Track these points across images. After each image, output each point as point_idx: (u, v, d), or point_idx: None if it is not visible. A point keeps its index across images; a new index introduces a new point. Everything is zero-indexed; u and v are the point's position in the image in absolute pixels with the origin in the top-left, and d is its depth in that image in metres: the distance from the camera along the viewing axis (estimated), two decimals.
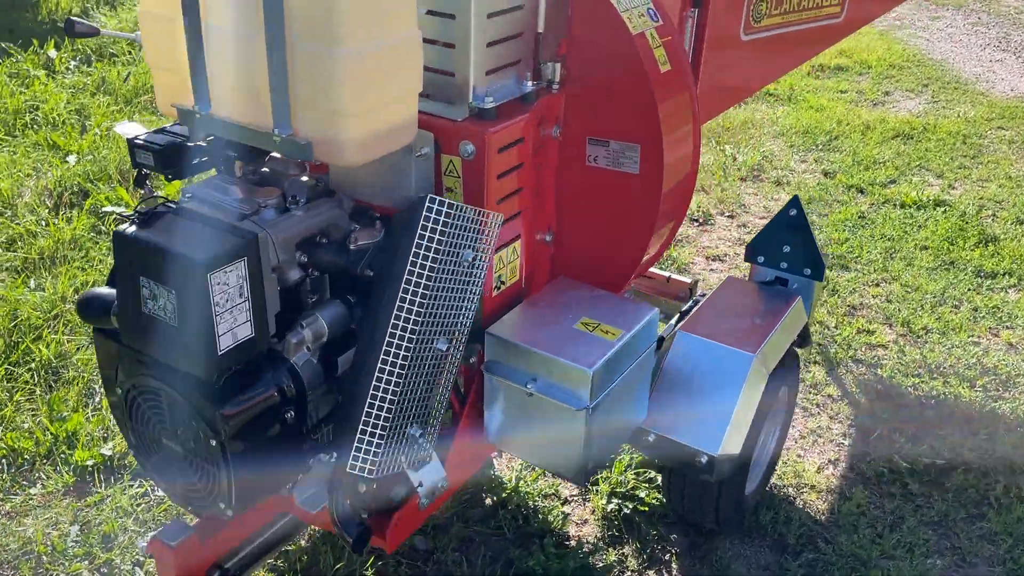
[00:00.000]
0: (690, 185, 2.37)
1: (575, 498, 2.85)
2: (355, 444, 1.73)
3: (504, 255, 2.08)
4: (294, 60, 1.63)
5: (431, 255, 1.70)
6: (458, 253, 1.78)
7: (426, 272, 1.70)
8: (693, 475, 2.37)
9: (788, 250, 2.81)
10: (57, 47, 6.29)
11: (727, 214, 4.94)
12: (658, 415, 2.35)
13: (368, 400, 1.72)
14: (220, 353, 1.63)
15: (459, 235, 1.77)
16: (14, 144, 5.01)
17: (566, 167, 2.26)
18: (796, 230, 2.78)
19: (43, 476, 2.84)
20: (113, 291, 1.76)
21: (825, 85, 7.15)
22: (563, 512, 2.78)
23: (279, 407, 1.77)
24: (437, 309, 1.77)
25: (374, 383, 1.72)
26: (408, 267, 1.70)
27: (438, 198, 1.71)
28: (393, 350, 1.71)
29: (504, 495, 2.80)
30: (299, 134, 1.70)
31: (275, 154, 1.92)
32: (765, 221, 4.86)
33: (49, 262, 3.87)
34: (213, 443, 1.71)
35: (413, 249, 1.70)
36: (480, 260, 1.85)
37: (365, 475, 1.76)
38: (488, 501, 2.80)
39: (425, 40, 1.89)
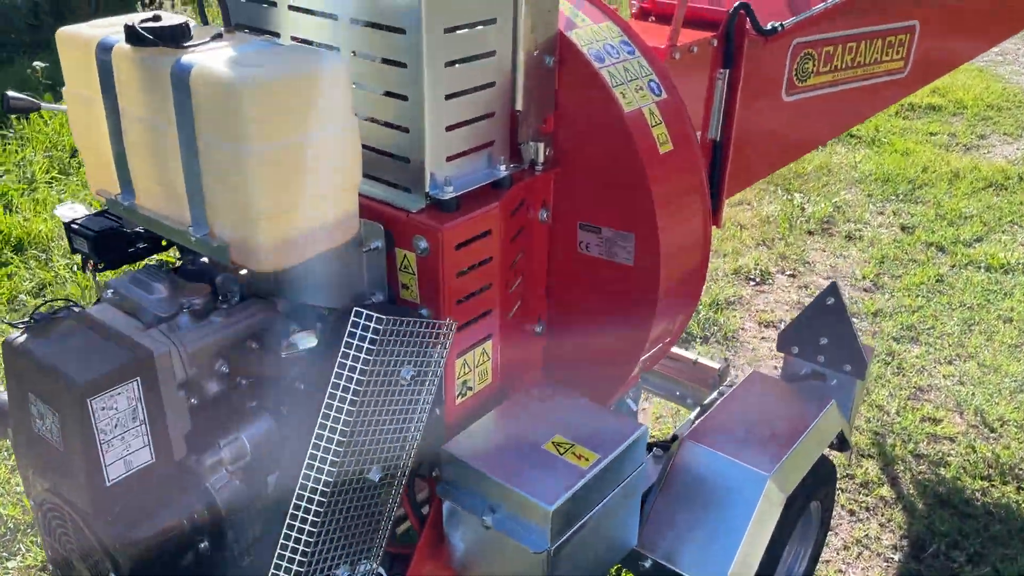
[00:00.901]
0: (699, 276, 2.08)
1: None
2: None
3: (470, 359, 1.83)
4: (206, 156, 1.44)
5: (356, 376, 1.48)
6: (395, 371, 1.55)
7: (349, 396, 1.48)
8: None
9: (825, 342, 2.48)
10: None
11: (788, 272, 4.56)
12: (657, 535, 2.07)
13: (281, 539, 1.50)
14: (108, 484, 1.44)
15: (395, 351, 1.54)
16: (65, 182, 5.06)
17: (557, 253, 2.01)
18: (834, 320, 2.44)
19: (23, 548, 2.73)
20: None
21: (914, 127, 6.67)
22: None
23: (190, 537, 1.57)
24: (369, 435, 1.55)
25: (288, 520, 1.50)
26: (330, 389, 1.48)
27: (366, 312, 1.48)
28: (311, 484, 1.49)
29: None
30: (215, 234, 1.51)
31: None
32: (831, 281, 4.49)
33: None
34: None
35: (336, 370, 1.48)
36: (425, 375, 1.61)
37: None
38: None
39: (382, 122, 1.69)
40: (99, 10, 8.62)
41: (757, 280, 4.45)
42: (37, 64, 6.18)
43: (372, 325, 1.48)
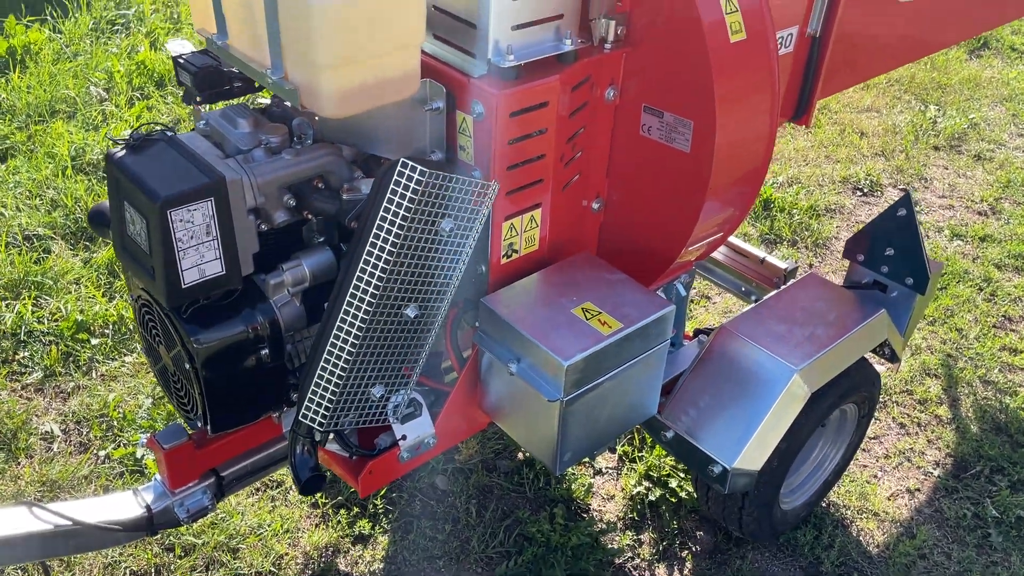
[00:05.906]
0: (758, 174, 2.11)
1: (609, 471, 2.75)
2: (308, 396, 1.75)
3: (517, 223, 1.96)
4: (283, 4, 1.59)
5: (398, 221, 1.64)
6: (434, 222, 1.70)
7: (391, 238, 1.65)
8: (707, 482, 2.20)
9: (892, 253, 2.46)
10: None
11: (901, 186, 4.40)
12: (682, 411, 2.20)
13: (324, 356, 1.72)
14: (184, 287, 1.68)
15: (437, 204, 1.69)
16: None
17: (620, 132, 2.08)
18: (903, 232, 2.42)
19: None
20: None
21: None
22: (590, 483, 2.70)
23: (253, 343, 1.82)
24: (406, 276, 1.72)
25: (331, 340, 1.71)
26: (374, 231, 1.65)
27: (411, 163, 1.62)
28: (352, 311, 1.69)
29: None
30: (288, 78, 1.68)
31: None
32: (945, 202, 4.31)
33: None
34: (187, 367, 1.80)
35: (380, 213, 1.64)
36: (465, 230, 1.76)
37: (316, 427, 1.78)
38: (520, 455, 2.76)
39: None
40: None
41: (865, 191, 4.32)
42: None
43: (416, 176, 1.63)
